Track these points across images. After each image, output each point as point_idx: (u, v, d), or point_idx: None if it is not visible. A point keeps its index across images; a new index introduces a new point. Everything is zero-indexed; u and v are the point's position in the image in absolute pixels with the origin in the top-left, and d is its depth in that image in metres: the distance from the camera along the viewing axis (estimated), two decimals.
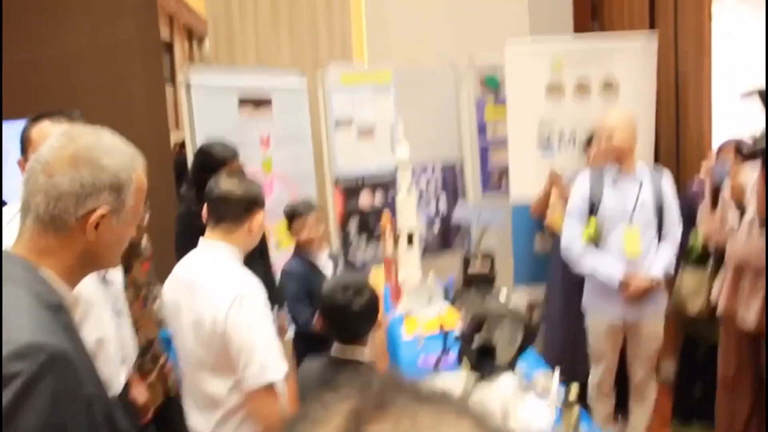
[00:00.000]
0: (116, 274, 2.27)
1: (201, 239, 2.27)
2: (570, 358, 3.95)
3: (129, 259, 2.67)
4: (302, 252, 3.44)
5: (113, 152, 1.39)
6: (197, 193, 3.27)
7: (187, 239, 2.43)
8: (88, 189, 1.34)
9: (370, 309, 2.20)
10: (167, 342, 2.69)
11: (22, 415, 1.16)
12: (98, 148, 1.37)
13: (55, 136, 1.40)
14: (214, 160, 3.38)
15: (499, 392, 2.20)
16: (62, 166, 1.34)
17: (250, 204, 2.23)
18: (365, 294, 2.18)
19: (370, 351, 2.28)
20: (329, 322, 2.23)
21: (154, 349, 2.79)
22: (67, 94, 4.63)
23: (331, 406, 0.60)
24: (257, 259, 3.51)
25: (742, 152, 3.04)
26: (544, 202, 4.03)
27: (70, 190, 1.33)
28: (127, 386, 2.29)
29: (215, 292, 2.10)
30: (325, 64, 4.81)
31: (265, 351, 2.07)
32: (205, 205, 2.29)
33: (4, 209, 2.18)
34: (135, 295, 2.71)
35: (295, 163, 4.72)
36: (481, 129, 4.98)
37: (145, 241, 2.83)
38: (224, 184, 2.24)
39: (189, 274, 2.23)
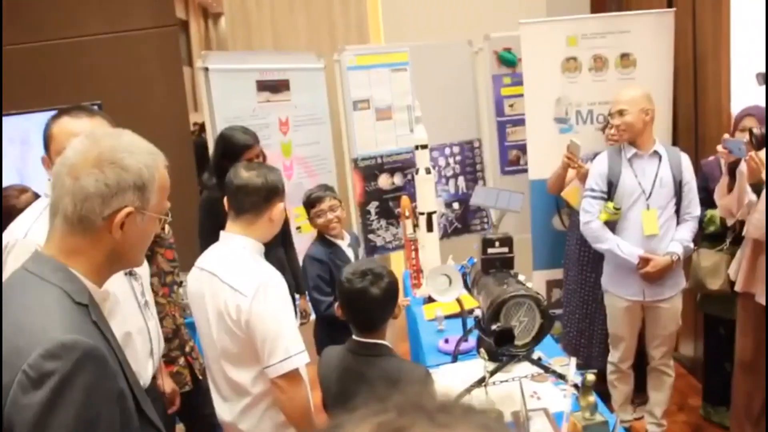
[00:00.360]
0: (142, 266, 2.31)
1: (222, 233, 2.29)
2: (587, 341, 3.97)
3: (152, 248, 2.70)
4: (325, 236, 3.45)
5: (136, 152, 1.41)
6: (219, 180, 3.30)
7: (211, 226, 2.47)
8: (113, 189, 1.37)
9: (388, 296, 2.17)
10: (192, 327, 2.74)
11: (59, 411, 1.21)
12: (121, 149, 1.40)
13: (79, 139, 1.43)
14: (235, 146, 3.40)
15: (515, 380, 2.23)
16: (87, 168, 1.37)
17: (270, 193, 2.23)
18: (383, 281, 2.16)
19: (389, 337, 2.29)
20: (347, 309, 2.23)
21: (180, 336, 2.84)
22: (85, 80, 4.67)
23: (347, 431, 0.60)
24: (279, 245, 3.55)
25: (752, 141, 3.00)
26: (561, 176, 3.99)
27: (95, 192, 1.37)
28: (155, 377, 2.34)
29: (238, 283, 2.13)
30: (341, 45, 4.80)
31: (288, 339, 2.11)
32: (226, 197, 2.31)
33: (36, 203, 2.22)
34: (160, 283, 2.76)
35: (314, 145, 4.72)
36: (499, 106, 4.94)
37: (166, 229, 2.87)
38: (242, 174, 2.24)
39: (212, 266, 2.26)
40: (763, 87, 3.01)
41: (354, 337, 2.22)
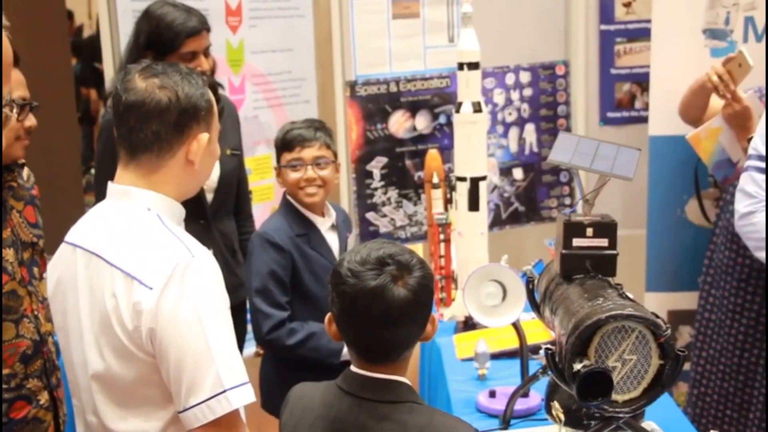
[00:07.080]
0: None
1: (110, 186, 2.29)
2: (737, 413, 3.94)
3: None
4: (294, 206, 3.50)
5: None
6: None
7: (111, 170, 2.43)
8: None
9: (422, 300, 2.17)
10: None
11: None
12: None
13: None
14: (169, 31, 3.44)
15: None
16: None
17: (184, 117, 2.23)
18: (414, 273, 2.16)
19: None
20: (348, 325, 2.21)
21: (46, 355, 2.75)
22: None
23: None
24: (227, 216, 3.68)
25: None
26: (699, 96, 4.01)
27: None
28: None
29: (137, 267, 2.12)
30: None
31: (222, 362, 2.09)
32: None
33: None
34: (17, 259, 2.69)
35: (284, 54, 4.77)
36: (606, 3, 4.99)
37: (26, 174, 2.90)
38: (137, 85, 2.24)
39: (92, 240, 2.25)
40: None
41: (352, 368, 2.23)
